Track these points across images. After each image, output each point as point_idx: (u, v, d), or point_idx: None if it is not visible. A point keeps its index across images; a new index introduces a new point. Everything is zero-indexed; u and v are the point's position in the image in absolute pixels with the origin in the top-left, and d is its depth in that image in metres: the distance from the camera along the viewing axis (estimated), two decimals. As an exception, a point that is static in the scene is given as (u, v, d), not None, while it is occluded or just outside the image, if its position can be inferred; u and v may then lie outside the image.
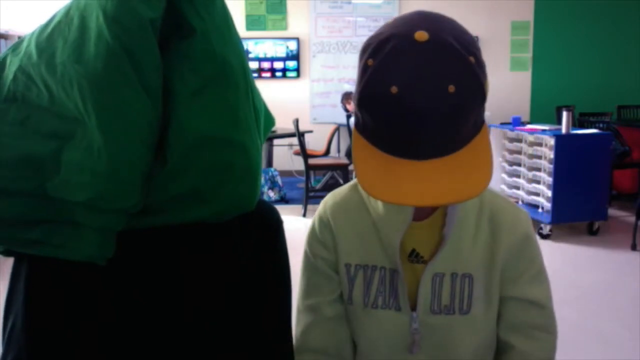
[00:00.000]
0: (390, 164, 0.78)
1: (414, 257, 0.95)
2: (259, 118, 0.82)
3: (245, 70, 0.77)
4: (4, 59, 0.77)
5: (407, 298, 0.94)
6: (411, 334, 0.95)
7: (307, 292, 1.03)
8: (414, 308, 0.94)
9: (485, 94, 0.78)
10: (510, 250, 0.94)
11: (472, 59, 0.76)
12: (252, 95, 0.79)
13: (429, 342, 0.95)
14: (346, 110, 6.34)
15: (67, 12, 0.73)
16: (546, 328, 0.98)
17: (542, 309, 0.97)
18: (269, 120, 0.89)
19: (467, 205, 0.93)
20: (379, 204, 0.95)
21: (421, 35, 0.75)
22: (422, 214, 0.94)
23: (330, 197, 1.03)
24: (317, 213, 1.03)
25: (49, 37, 0.73)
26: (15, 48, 0.78)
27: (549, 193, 4.69)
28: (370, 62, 0.78)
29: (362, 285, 0.97)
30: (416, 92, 0.73)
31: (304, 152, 5.77)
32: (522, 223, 0.97)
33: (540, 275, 0.97)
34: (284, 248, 0.90)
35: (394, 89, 0.74)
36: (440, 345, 0.95)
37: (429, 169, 0.76)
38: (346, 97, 6.41)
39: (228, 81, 0.74)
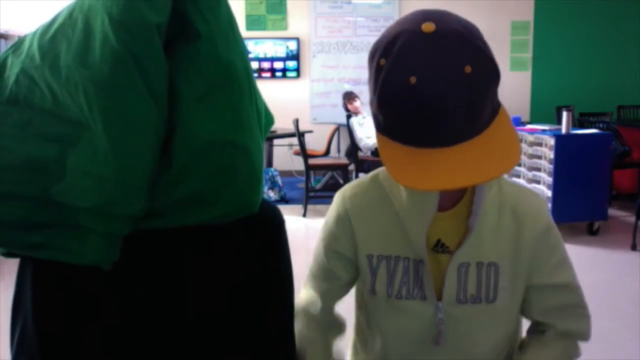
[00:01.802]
0: (417, 155, 0.79)
1: (439, 247, 0.96)
2: (261, 119, 0.82)
3: (249, 73, 0.77)
4: (5, 60, 0.77)
5: (433, 288, 0.94)
6: (436, 325, 0.95)
7: (314, 277, 1.07)
8: (439, 298, 0.95)
9: (499, 71, 0.81)
10: (535, 239, 0.96)
11: (479, 42, 0.79)
12: (255, 98, 0.80)
13: (454, 332, 0.96)
14: (347, 109, 6.33)
15: (71, 14, 0.73)
16: (580, 305, 1.02)
17: (573, 290, 1.00)
18: (269, 119, 0.89)
19: (489, 194, 0.94)
20: (403, 196, 0.95)
21: (428, 26, 0.77)
22: (446, 204, 0.95)
23: (348, 190, 1.04)
24: (334, 207, 1.04)
25: (52, 39, 0.72)
26: (16, 49, 0.77)
27: (549, 193, 4.69)
28: (382, 62, 0.79)
29: (385, 276, 0.98)
30: (435, 79, 0.75)
31: (304, 152, 5.77)
32: (544, 212, 0.99)
33: (566, 260, 1.00)
34: (287, 248, 0.91)
35: (412, 80, 0.76)
36: (464, 336, 0.96)
37: (456, 153, 0.78)
38: (348, 96, 6.38)
39: (233, 85, 0.74)
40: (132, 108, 0.68)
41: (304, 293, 1.10)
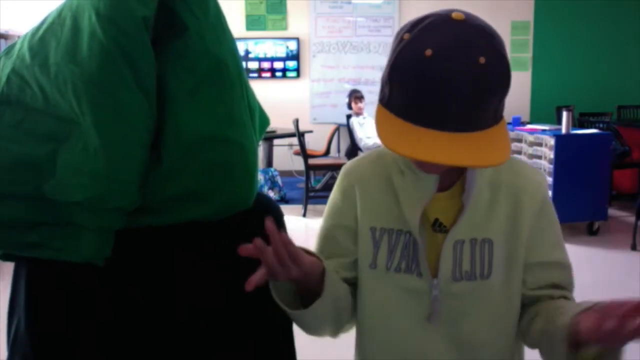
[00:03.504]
0: (415, 131, 0.80)
1: (437, 226, 0.97)
2: (254, 117, 0.82)
3: (240, 69, 0.77)
4: None
5: (427, 266, 0.95)
6: (431, 302, 0.95)
7: (321, 254, 1.03)
8: (435, 276, 0.95)
9: (509, 80, 0.83)
10: (533, 215, 0.97)
11: (500, 46, 0.82)
12: (247, 94, 0.79)
13: (448, 310, 0.96)
14: (350, 107, 6.29)
15: (60, 14, 0.73)
16: (571, 284, 1.01)
17: (567, 268, 1.00)
18: (264, 119, 0.89)
19: (483, 171, 0.95)
20: (404, 177, 0.96)
21: (458, 15, 0.82)
22: (445, 183, 0.96)
23: (351, 166, 1.05)
24: (338, 183, 1.05)
25: (42, 38, 0.73)
26: (7, 51, 0.78)
27: (549, 193, 4.68)
28: (406, 36, 0.82)
29: (386, 248, 0.98)
30: (449, 56, 0.78)
31: (304, 152, 5.77)
32: (541, 187, 0.99)
33: (560, 238, 1.01)
34: None
35: (428, 52, 0.78)
36: (459, 315, 0.96)
37: (454, 139, 0.79)
38: (354, 94, 6.29)
39: (223, 80, 0.74)
40: (121, 102, 0.68)
41: None
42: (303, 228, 5.28)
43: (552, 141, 4.66)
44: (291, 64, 7.61)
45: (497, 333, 0.99)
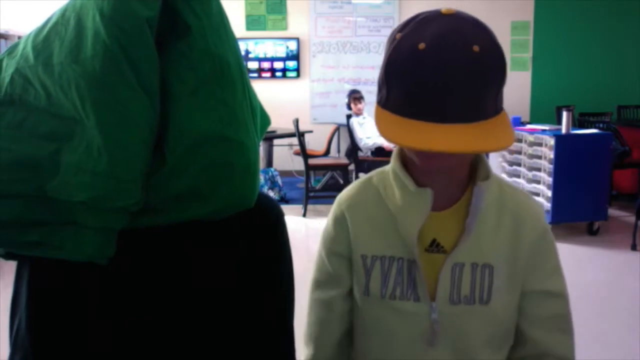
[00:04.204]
0: (415, 126, 0.80)
1: (434, 247, 0.95)
2: (255, 116, 0.83)
3: (242, 69, 0.78)
4: (0, 62, 0.77)
5: (426, 288, 0.94)
6: (430, 325, 0.95)
7: (319, 285, 1.06)
8: (433, 299, 0.95)
9: (505, 68, 0.83)
10: (533, 243, 0.96)
11: (493, 35, 0.83)
12: (249, 94, 0.80)
13: (448, 333, 0.95)
14: (350, 108, 6.30)
15: (63, 13, 0.73)
16: (567, 317, 1.00)
17: (563, 299, 0.99)
18: (265, 119, 0.89)
19: (488, 195, 0.94)
20: (397, 196, 0.95)
21: (448, 10, 0.83)
22: (443, 203, 0.95)
23: (344, 193, 1.05)
24: (331, 212, 1.05)
25: (46, 38, 0.73)
26: (10, 51, 0.78)
27: (549, 193, 4.69)
28: (398, 35, 0.83)
29: (379, 276, 0.97)
30: (443, 48, 0.78)
31: (304, 152, 5.77)
32: (541, 217, 0.99)
33: (559, 268, 1.00)
34: (286, 241, 0.90)
35: (421, 45, 0.79)
36: (458, 337, 0.95)
37: (454, 130, 0.78)
38: (353, 95, 6.30)
39: (225, 80, 0.74)
40: (124, 102, 0.68)
41: (312, 316, 1.08)
42: (303, 228, 5.28)
43: (552, 141, 4.66)
44: (291, 64, 7.61)
45: (497, 355, 0.99)
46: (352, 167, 6.24)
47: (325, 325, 1.06)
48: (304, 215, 5.64)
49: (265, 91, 7.26)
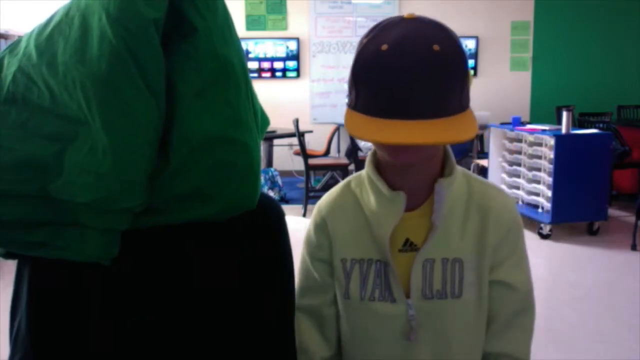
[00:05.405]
0: (383, 123, 0.82)
1: (407, 246, 0.97)
2: (257, 117, 0.83)
3: (245, 71, 0.78)
4: (1, 60, 0.77)
5: (401, 287, 0.96)
6: (408, 321, 0.97)
7: (306, 291, 1.06)
8: (408, 296, 0.96)
9: (466, 67, 0.85)
10: (498, 234, 0.97)
11: (454, 35, 0.85)
12: (251, 95, 0.80)
13: (426, 328, 0.97)
14: None
15: (67, 13, 0.73)
16: (525, 313, 1.01)
17: (524, 292, 1.00)
18: (265, 120, 0.90)
19: (453, 191, 0.96)
20: (372, 200, 0.97)
21: (410, 15, 0.87)
22: (414, 203, 0.96)
23: (323, 199, 1.07)
24: (312, 218, 1.06)
25: (49, 37, 0.73)
26: (12, 49, 0.77)
27: (549, 193, 4.69)
28: (365, 40, 0.87)
29: (358, 279, 0.99)
30: (405, 48, 0.81)
31: (304, 152, 5.77)
32: (509, 208, 1.00)
33: (523, 260, 1.01)
34: (287, 241, 0.91)
35: (384, 47, 0.82)
36: (436, 331, 0.97)
37: (419, 125, 0.81)
38: None
39: (230, 81, 0.74)
40: (130, 103, 0.68)
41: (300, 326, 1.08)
42: (303, 228, 5.25)
43: (552, 141, 4.66)
44: (291, 64, 7.61)
45: (474, 348, 1.01)
46: (352, 167, 6.25)
47: (314, 332, 1.06)
48: (304, 215, 5.64)
49: (265, 91, 7.26)
